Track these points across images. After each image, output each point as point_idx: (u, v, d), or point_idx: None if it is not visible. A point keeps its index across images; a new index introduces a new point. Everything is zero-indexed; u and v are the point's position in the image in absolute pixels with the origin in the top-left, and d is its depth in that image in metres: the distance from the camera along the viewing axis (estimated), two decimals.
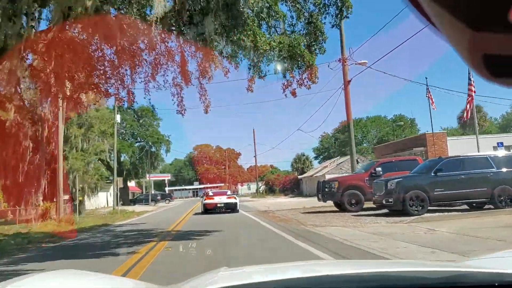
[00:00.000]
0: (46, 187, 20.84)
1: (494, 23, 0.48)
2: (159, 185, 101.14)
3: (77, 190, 19.87)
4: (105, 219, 23.31)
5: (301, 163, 70.72)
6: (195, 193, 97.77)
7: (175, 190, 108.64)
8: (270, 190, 68.04)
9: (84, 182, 28.42)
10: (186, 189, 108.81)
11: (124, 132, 50.61)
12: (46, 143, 21.25)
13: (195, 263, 6.97)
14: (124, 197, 51.75)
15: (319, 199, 17.26)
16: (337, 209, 16.80)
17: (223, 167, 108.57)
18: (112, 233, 14.73)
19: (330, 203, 17.42)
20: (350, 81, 21.02)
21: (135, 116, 52.69)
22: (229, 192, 24.56)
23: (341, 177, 17.78)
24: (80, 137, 28.76)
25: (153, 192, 64.19)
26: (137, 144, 51.70)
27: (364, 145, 58.90)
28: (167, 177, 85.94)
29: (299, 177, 57.57)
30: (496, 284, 1.26)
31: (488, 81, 0.55)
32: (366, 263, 3.07)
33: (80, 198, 21.19)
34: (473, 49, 0.51)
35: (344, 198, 15.64)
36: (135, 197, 54.48)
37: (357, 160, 47.38)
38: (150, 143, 49.64)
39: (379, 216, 13.46)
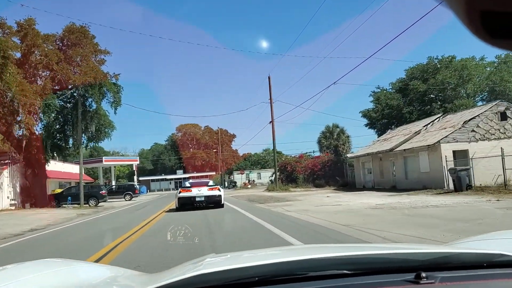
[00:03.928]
0: None
1: None
2: (137, 174, 76.52)
3: None
4: None
5: (333, 138, 47.43)
6: (178, 184, 73.28)
7: (152, 180, 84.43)
8: (289, 179, 44.48)
9: None
10: (166, 179, 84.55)
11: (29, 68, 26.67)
12: None
13: None
14: (35, 190, 27.90)
15: None
16: None
17: (214, 150, 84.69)
18: None
19: None
20: None
21: (59, 43, 28.69)
22: (211, 183, 18.33)
23: None
24: None
25: (101, 183, 40.60)
26: (60, 95, 27.73)
27: (465, 98, 35.72)
28: (134, 161, 60.87)
29: (350, 156, 34.22)
30: (485, 264, 1.26)
31: (485, 43, 0.51)
32: (356, 247, 2.70)
33: None
34: (470, 5, 0.46)
35: None
36: (62, 192, 30.48)
37: (503, 114, 23.79)
38: (80, 88, 25.69)
39: None
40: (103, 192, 29.58)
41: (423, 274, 1.15)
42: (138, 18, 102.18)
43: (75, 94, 26.90)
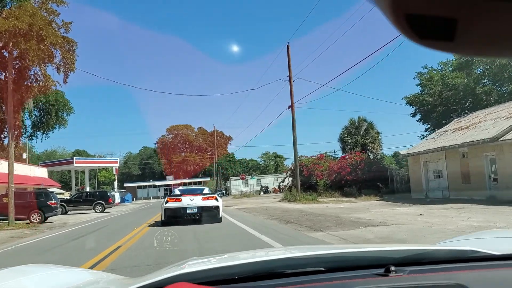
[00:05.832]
0: None
1: None
2: (117, 179, 66.51)
3: None
4: None
5: (359, 135, 38.37)
6: (168, 191, 63.84)
7: (139, 187, 74.71)
8: (306, 185, 35.04)
9: None
10: (154, 186, 74.89)
11: None
12: None
13: None
14: None
15: None
16: None
17: (209, 153, 75.26)
18: None
19: None
20: None
21: None
22: (206, 190, 15.79)
23: None
24: None
25: (54, 191, 31.30)
26: None
27: None
28: (113, 163, 50.73)
29: (404, 153, 25.08)
30: (457, 260, 1.29)
31: (415, 43, 0.50)
32: (333, 247, 2.83)
33: None
34: (395, 8, 0.46)
35: None
36: None
37: None
38: (10, 41, 16.39)
39: None
40: (53, 202, 20.14)
41: (392, 268, 1.18)
42: None
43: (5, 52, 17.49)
